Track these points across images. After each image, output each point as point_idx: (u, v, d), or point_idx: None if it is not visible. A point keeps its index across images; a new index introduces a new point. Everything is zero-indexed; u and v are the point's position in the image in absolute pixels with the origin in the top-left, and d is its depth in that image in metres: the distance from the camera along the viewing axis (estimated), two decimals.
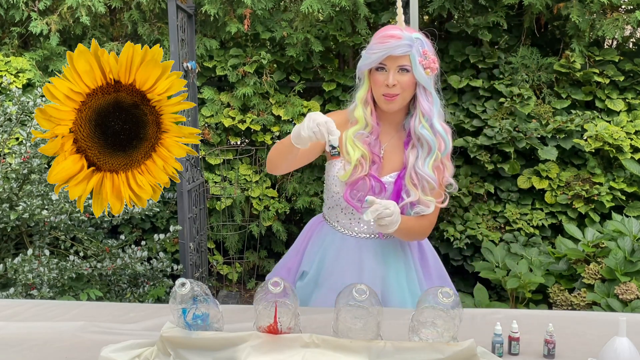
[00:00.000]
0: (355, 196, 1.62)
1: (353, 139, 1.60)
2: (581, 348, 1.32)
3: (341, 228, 1.70)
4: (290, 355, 1.22)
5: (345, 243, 1.69)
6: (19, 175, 2.49)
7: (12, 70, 3.32)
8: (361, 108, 1.61)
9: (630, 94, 3.40)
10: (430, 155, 1.58)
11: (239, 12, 3.33)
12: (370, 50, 1.55)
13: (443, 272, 1.82)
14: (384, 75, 1.55)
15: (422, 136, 1.57)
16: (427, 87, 1.57)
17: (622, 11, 3.41)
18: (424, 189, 1.58)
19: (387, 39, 1.52)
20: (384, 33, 1.54)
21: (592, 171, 3.28)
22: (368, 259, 1.66)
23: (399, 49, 1.51)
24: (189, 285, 1.23)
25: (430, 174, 1.58)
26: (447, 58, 3.56)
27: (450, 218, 3.38)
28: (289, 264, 1.82)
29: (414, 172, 1.59)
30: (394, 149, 1.65)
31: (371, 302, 1.22)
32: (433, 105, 1.58)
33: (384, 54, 1.52)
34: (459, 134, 3.47)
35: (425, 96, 1.58)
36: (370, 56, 1.55)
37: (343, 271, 1.66)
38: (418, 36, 1.55)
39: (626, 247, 2.61)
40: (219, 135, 3.54)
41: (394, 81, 1.53)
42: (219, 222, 3.57)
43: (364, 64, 1.58)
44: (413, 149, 1.61)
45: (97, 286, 2.63)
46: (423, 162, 1.58)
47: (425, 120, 1.57)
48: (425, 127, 1.57)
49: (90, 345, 1.34)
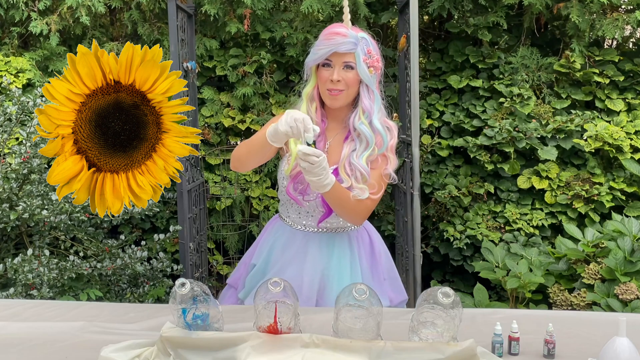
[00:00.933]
0: (297, 188, 1.70)
1: None
2: (581, 348, 1.32)
3: (291, 223, 1.78)
4: (290, 355, 1.22)
5: (293, 236, 1.76)
6: (19, 175, 2.49)
7: (12, 70, 3.32)
8: (306, 104, 1.69)
9: (630, 94, 3.40)
10: (367, 149, 1.65)
11: (239, 12, 3.33)
12: (317, 47, 1.62)
13: (395, 273, 1.89)
14: (329, 71, 1.62)
15: (361, 132, 1.65)
16: (370, 85, 1.64)
17: (622, 11, 3.41)
18: (357, 179, 1.65)
19: (333, 36, 1.59)
20: (331, 30, 1.61)
21: (592, 171, 3.28)
22: (312, 251, 1.73)
23: (344, 46, 1.58)
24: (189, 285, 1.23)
25: (363, 165, 1.64)
26: (447, 58, 3.56)
27: (450, 218, 3.38)
28: (246, 259, 1.91)
29: (348, 163, 1.66)
30: (337, 144, 1.72)
31: (371, 302, 1.22)
32: (374, 103, 1.65)
33: (329, 50, 1.59)
34: (459, 134, 3.47)
35: (368, 94, 1.65)
36: (317, 52, 1.61)
37: (287, 262, 1.73)
38: (364, 36, 1.63)
39: (626, 247, 2.61)
40: (219, 135, 3.54)
41: (339, 77, 1.60)
42: (219, 222, 3.57)
43: (311, 59, 1.64)
44: (351, 142, 1.68)
45: (97, 286, 2.63)
46: (359, 155, 1.65)
47: (365, 117, 1.65)
48: (364, 124, 1.65)
49: (90, 345, 1.34)
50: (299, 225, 1.77)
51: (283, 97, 3.53)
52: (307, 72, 1.70)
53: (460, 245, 3.22)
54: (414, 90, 2.65)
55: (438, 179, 3.39)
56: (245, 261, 1.90)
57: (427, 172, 3.46)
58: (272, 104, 3.50)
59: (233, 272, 1.95)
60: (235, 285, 1.89)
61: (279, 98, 3.51)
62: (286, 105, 3.48)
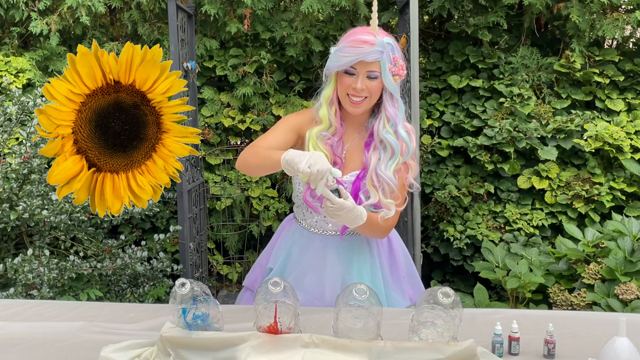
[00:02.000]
0: (315, 195, 1.64)
1: (315, 140, 1.61)
2: (581, 348, 1.32)
3: (308, 226, 1.73)
4: (290, 355, 1.22)
5: (311, 241, 1.72)
6: (19, 175, 2.49)
7: (12, 70, 3.32)
8: (326, 108, 1.62)
9: (630, 94, 3.40)
10: (393, 159, 1.60)
11: (239, 12, 3.33)
12: (341, 53, 1.53)
13: (413, 269, 1.86)
14: (353, 79, 1.55)
15: (386, 140, 1.60)
16: (394, 94, 1.58)
17: (622, 11, 3.41)
18: (384, 191, 1.60)
19: (360, 44, 1.50)
20: (358, 37, 1.52)
21: (592, 171, 3.28)
22: (331, 257, 1.69)
23: (371, 55, 1.50)
24: (189, 285, 1.23)
25: (391, 177, 1.59)
26: (447, 58, 3.56)
27: (450, 218, 3.38)
28: (262, 261, 1.86)
29: (375, 175, 1.60)
30: (355, 149, 1.67)
31: (371, 302, 1.22)
32: (398, 111, 1.59)
33: (355, 58, 1.51)
34: (459, 134, 3.47)
35: (392, 102, 1.59)
36: (341, 58, 1.53)
37: (306, 268, 1.70)
38: (389, 41, 1.54)
39: (626, 247, 2.61)
40: (219, 135, 3.54)
41: (363, 86, 1.54)
42: (219, 222, 3.57)
43: (334, 65, 1.57)
44: (375, 151, 1.62)
45: (97, 286, 2.63)
46: (385, 165, 1.60)
47: (390, 125, 1.59)
48: (390, 132, 1.59)
49: (90, 345, 1.34)
50: (316, 229, 1.72)
51: (283, 97, 3.53)
52: (327, 74, 1.63)
53: (461, 245, 3.22)
54: (414, 90, 2.65)
55: (438, 179, 3.39)
56: (262, 263, 1.86)
57: (427, 172, 3.46)
58: (272, 104, 3.50)
59: (248, 274, 1.90)
60: (252, 287, 1.85)
61: (279, 98, 3.51)
62: (286, 105, 3.48)
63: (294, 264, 1.72)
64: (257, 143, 1.60)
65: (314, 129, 1.63)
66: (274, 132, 1.64)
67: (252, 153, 1.57)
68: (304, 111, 1.73)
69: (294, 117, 1.69)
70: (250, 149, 1.58)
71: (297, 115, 1.70)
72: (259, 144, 1.60)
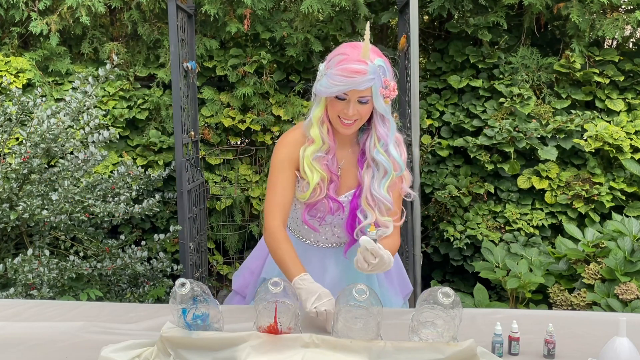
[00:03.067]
0: (314, 215, 1.66)
1: (311, 162, 1.60)
2: (581, 348, 1.33)
3: (304, 238, 1.75)
4: (290, 355, 1.22)
5: (308, 253, 1.72)
6: (19, 175, 2.48)
7: (12, 70, 3.32)
8: (317, 127, 1.60)
9: (630, 94, 3.40)
10: (386, 177, 1.61)
11: (239, 12, 3.33)
12: (332, 80, 1.50)
13: (399, 263, 1.89)
14: (344, 104, 1.53)
15: (379, 161, 1.60)
16: (385, 115, 1.57)
17: (622, 11, 3.41)
18: (381, 210, 1.61)
19: (352, 75, 1.47)
20: (350, 67, 1.48)
21: (592, 171, 3.28)
22: (331, 269, 1.71)
23: (363, 84, 1.48)
24: (189, 285, 1.23)
25: (385, 196, 1.60)
26: (447, 58, 3.56)
27: (450, 218, 3.37)
28: (251, 266, 1.86)
29: (370, 194, 1.61)
30: (349, 166, 1.67)
31: (371, 302, 1.22)
32: (390, 131, 1.59)
33: (347, 88, 1.49)
34: (459, 134, 3.47)
35: (383, 122, 1.59)
36: (332, 86, 1.50)
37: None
38: (381, 63, 1.52)
39: (626, 247, 2.61)
40: (219, 135, 3.54)
41: (354, 111, 1.53)
42: (219, 222, 3.57)
43: (324, 91, 1.53)
44: (368, 169, 1.63)
45: (97, 286, 2.63)
46: (379, 183, 1.61)
47: (380, 145, 1.59)
48: (381, 152, 1.59)
49: (90, 345, 1.34)
50: (313, 241, 1.74)
51: (283, 97, 3.53)
52: (316, 95, 1.60)
53: (460, 245, 3.22)
54: (414, 91, 2.65)
55: (438, 179, 3.39)
56: (251, 268, 1.85)
57: (427, 172, 3.46)
58: (272, 104, 3.50)
59: (236, 278, 1.90)
60: (242, 292, 1.86)
61: (279, 98, 3.51)
62: (286, 105, 3.48)
63: None
64: (271, 213, 1.59)
65: (308, 149, 1.61)
66: (275, 184, 1.62)
67: (273, 246, 1.57)
68: (293, 130, 1.70)
69: (283, 152, 1.65)
70: (272, 237, 1.57)
71: (284, 148, 1.66)
72: (273, 213, 1.58)
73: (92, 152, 2.65)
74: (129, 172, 2.77)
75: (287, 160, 1.63)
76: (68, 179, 2.60)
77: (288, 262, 1.51)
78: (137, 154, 3.49)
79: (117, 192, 2.73)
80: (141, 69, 3.54)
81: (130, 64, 3.57)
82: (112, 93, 3.46)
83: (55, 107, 2.66)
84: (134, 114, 3.46)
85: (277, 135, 3.58)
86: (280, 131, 3.51)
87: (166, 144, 3.44)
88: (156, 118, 3.53)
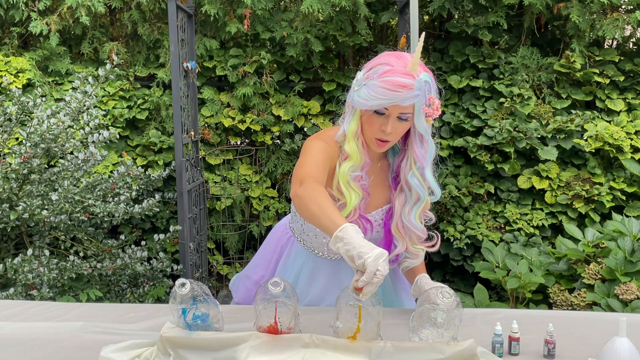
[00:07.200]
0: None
1: (349, 181, 1.46)
2: (581, 348, 1.32)
3: (314, 250, 1.64)
4: (290, 355, 1.22)
5: (319, 265, 1.64)
6: (19, 175, 2.49)
7: (12, 70, 3.32)
8: (354, 142, 1.46)
9: (630, 94, 3.40)
10: (419, 203, 1.50)
11: (239, 12, 3.33)
12: (374, 92, 1.35)
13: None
14: (382, 120, 1.40)
15: (413, 185, 1.48)
16: (425, 135, 1.46)
17: (622, 11, 3.41)
18: (412, 239, 1.53)
19: (398, 89, 1.33)
20: (396, 80, 1.33)
21: (592, 171, 3.28)
22: (346, 280, 1.59)
23: (407, 100, 1.36)
24: (189, 285, 1.23)
25: (417, 225, 1.51)
26: (447, 58, 3.56)
27: (450, 218, 3.37)
28: (256, 276, 1.75)
29: (401, 222, 1.51)
30: (378, 181, 1.56)
31: (371, 302, 1.22)
32: (427, 154, 1.47)
33: (390, 102, 1.35)
34: (459, 134, 3.47)
35: (421, 143, 1.47)
36: (373, 99, 1.36)
37: (321, 293, 1.62)
38: (427, 78, 1.40)
39: (626, 247, 2.61)
40: (219, 135, 3.54)
41: (392, 129, 1.40)
42: (219, 222, 3.57)
43: (363, 103, 1.39)
44: (401, 194, 1.52)
45: (97, 286, 2.63)
46: (410, 209, 1.50)
47: (416, 167, 1.48)
48: (416, 176, 1.48)
49: (90, 345, 1.34)
50: (324, 252, 1.64)
51: (283, 97, 3.53)
52: (350, 106, 1.46)
53: (461, 246, 3.22)
54: None
55: (438, 179, 3.39)
56: (255, 279, 1.75)
57: None
58: (272, 104, 3.50)
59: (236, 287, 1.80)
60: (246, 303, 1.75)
61: (279, 98, 3.51)
62: (286, 105, 3.48)
63: (304, 290, 1.64)
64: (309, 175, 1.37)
65: (344, 165, 1.46)
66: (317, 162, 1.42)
67: (311, 195, 1.30)
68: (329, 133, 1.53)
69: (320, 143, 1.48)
70: (307, 188, 1.32)
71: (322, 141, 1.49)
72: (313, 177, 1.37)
73: (92, 152, 2.65)
74: (129, 172, 2.78)
75: (324, 151, 1.46)
76: (68, 179, 2.60)
77: (333, 209, 1.27)
78: (137, 154, 3.49)
79: (117, 192, 2.74)
80: (141, 69, 3.54)
81: (130, 64, 3.57)
82: (112, 93, 3.46)
83: (55, 107, 2.66)
84: (134, 114, 3.46)
85: (277, 136, 3.59)
86: (280, 131, 3.51)
87: (166, 144, 3.44)
88: (156, 118, 3.53)
